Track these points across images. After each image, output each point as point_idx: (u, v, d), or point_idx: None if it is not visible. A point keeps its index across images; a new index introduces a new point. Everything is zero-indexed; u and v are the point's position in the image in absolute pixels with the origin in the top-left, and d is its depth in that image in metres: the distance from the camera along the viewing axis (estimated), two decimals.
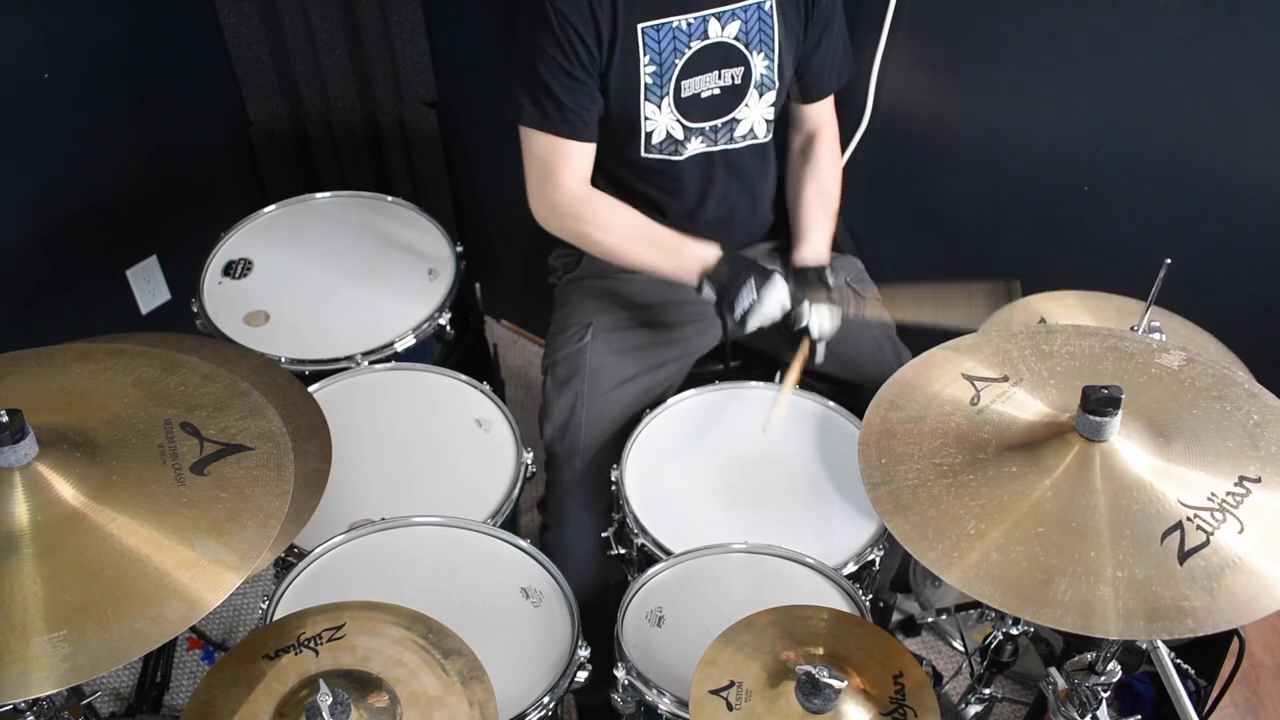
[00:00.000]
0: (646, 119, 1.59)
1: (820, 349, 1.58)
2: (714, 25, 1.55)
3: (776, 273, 1.54)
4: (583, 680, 1.34)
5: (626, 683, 1.33)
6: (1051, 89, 1.80)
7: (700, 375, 1.78)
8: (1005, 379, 1.18)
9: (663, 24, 1.53)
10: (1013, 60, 1.83)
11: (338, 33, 2.30)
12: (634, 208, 1.64)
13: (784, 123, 1.76)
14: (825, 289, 1.58)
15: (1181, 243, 1.71)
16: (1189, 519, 1.00)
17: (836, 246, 1.77)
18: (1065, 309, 1.58)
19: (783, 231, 1.81)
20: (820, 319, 1.55)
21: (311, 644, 1.13)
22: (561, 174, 1.58)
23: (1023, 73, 1.82)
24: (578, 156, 1.59)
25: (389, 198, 2.06)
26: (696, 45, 1.55)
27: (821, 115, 1.76)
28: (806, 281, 1.60)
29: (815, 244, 1.69)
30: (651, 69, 1.54)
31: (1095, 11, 1.67)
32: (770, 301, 1.51)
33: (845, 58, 1.72)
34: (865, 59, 1.88)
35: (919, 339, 1.75)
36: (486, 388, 1.71)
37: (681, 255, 1.58)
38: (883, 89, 1.92)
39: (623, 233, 1.61)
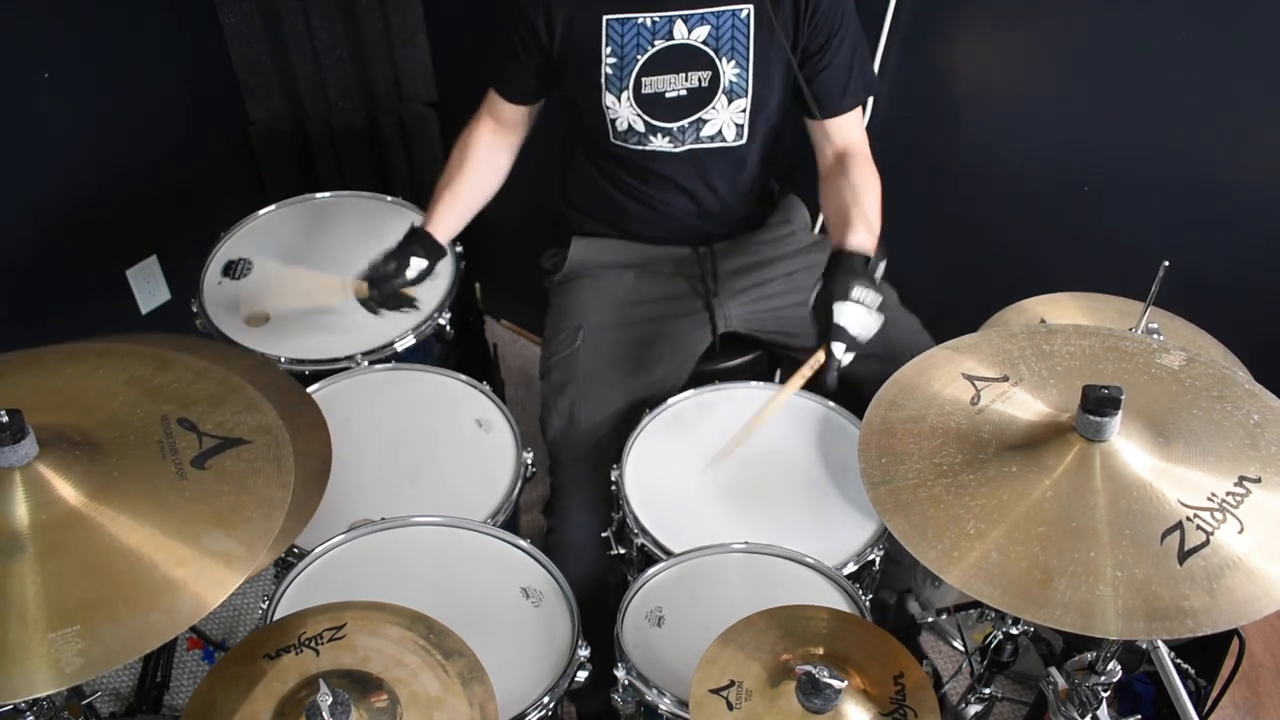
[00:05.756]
0: (608, 108, 1.63)
1: (845, 357, 1.43)
2: (679, 27, 1.56)
3: (410, 254, 1.67)
4: (583, 680, 1.34)
5: (626, 683, 1.33)
6: (1051, 89, 1.80)
7: (700, 375, 1.78)
8: (1005, 379, 1.18)
9: (627, 19, 1.56)
10: (1013, 61, 1.83)
11: (338, 33, 2.30)
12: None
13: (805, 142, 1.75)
14: (865, 279, 1.44)
15: (1181, 243, 1.71)
16: (1189, 519, 1.00)
17: None
18: (1064, 310, 1.58)
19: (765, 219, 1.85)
20: (850, 320, 1.42)
21: (312, 644, 1.13)
22: (481, 115, 1.76)
23: (1022, 73, 1.83)
24: (499, 107, 1.74)
25: (389, 198, 2.06)
26: (660, 44, 1.57)
27: (846, 135, 1.67)
28: (849, 270, 1.45)
29: (857, 232, 1.52)
30: (613, 60, 1.58)
31: (1095, 12, 1.67)
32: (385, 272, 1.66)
33: (861, 78, 1.65)
34: None
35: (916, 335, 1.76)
36: (486, 388, 1.71)
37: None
38: (882, 89, 1.92)
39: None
